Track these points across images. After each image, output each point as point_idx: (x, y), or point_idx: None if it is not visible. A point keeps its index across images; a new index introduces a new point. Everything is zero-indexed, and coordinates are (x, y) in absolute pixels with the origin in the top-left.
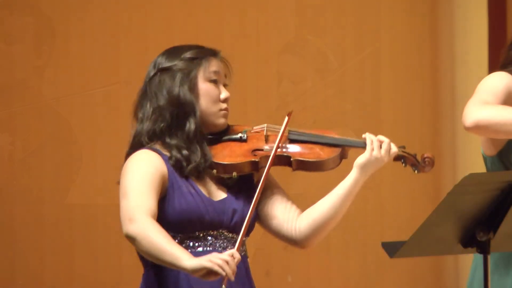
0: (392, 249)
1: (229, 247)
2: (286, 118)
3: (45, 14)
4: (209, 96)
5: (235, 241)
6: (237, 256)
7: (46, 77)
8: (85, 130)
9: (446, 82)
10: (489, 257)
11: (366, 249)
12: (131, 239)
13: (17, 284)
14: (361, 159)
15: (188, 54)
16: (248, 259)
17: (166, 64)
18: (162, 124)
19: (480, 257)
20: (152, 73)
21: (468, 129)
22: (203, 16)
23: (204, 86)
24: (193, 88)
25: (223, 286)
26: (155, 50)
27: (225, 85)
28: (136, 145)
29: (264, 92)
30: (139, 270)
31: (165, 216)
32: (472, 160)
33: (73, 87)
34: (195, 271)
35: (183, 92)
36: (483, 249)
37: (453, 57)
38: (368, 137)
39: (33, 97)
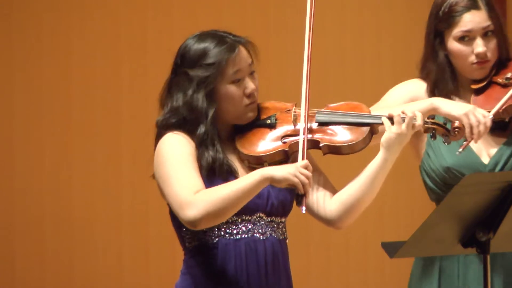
0: (392, 249)
1: (268, 231)
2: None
3: (45, 14)
4: (232, 98)
5: (274, 225)
6: (311, 168)
7: (46, 77)
8: (85, 130)
9: None
10: (488, 257)
11: (366, 249)
12: (202, 220)
13: (17, 284)
14: (385, 138)
15: (207, 59)
16: (287, 241)
17: (188, 61)
18: (176, 120)
19: (417, 265)
20: (176, 66)
21: None
22: (203, 16)
23: (224, 90)
24: (211, 94)
25: (303, 208)
26: (155, 50)
27: (252, 74)
28: (162, 128)
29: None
30: (139, 270)
31: None
32: None
33: (73, 87)
34: (281, 181)
35: (197, 98)
36: (483, 249)
37: None
38: (392, 111)
39: (33, 97)
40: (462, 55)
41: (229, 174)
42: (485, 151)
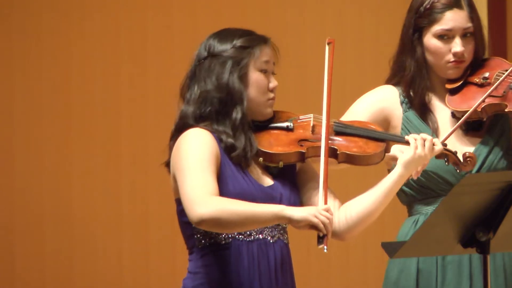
0: (392, 249)
1: (276, 234)
2: (328, 48)
3: (45, 14)
4: (259, 86)
5: (280, 229)
6: (332, 212)
7: (46, 77)
8: (85, 130)
9: None
10: (488, 257)
11: (366, 249)
12: (208, 221)
13: (17, 284)
14: (405, 156)
15: (240, 42)
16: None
17: (218, 48)
18: (209, 109)
19: (393, 268)
20: (203, 56)
21: None
22: (203, 16)
23: (254, 76)
24: (243, 77)
25: (325, 247)
26: (155, 50)
27: (273, 73)
28: (182, 126)
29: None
30: (139, 270)
31: None
32: None
33: (73, 87)
34: (299, 221)
35: (232, 80)
36: (483, 249)
37: None
38: (412, 135)
39: (33, 97)
40: (439, 53)
41: (242, 168)
42: (461, 152)
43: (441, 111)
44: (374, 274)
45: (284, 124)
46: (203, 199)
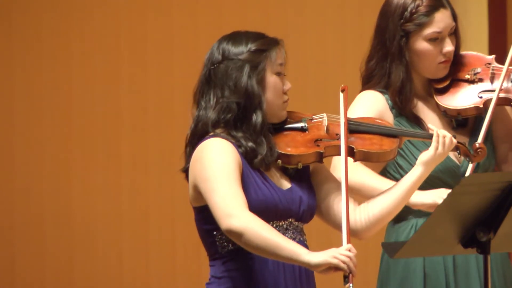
0: (392, 249)
1: (297, 236)
2: (342, 95)
3: (45, 14)
4: (275, 89)
5: (301, 230)
6: (354, 250)
7: (46, 77)
8: (85, 130)
9: None
10: (488, 257)
11: (366, 249)
12: (236, 234)
13: (17, 284)
14: (426, 156)
15: (255, 45)
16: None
17: (233, 51)
18: (229, 115)
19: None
20: (217, 60)
21: None
22: (203, 16)
23: (272, 80)
24: (261, 81)
25: (351, 284)
26: (155, 50)
27: (284, 74)
28: (199, 132)
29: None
30: (139, 270)
31: None
32: None
33: (73, 87)
34: (318, 266)
35: (251, 84)
36: (484, 249)
37: None
38: (436, 133)
39: (33, 97)
40: (430, 55)
41: (261, 172)
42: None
43: (428, 113)
44: (374, 274)
45: (299, 125)
46: (238, 212)
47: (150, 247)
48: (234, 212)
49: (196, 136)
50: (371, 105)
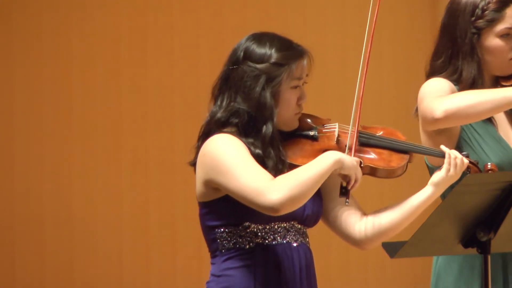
0: (392, 249)
1: (299, 238)
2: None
3: (45, 14)
4: (289, 104)
5: (303, 233)
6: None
7: (47, 77)
8: (85, 130)
9: None
10: (489, 257)
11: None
12: (281, 205)
13: (17, 284)
14: (437, 177)
15: (276, 57)
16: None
17: (254, 56)
18: (237, 120)
19: (444, 262)
20: (239, 60)
21: (437, 120)
22: (203, 16)
23: (286, 95)
24: (275, 94)
25: (347, 200)
26: (155, 50)
27: (304, 83)
28: (210, 128)
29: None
30: (139, 270)
31: (242, 204)
32: None
33: (74, 87)
34: (347, 168)
35: (264, 95)
36: (484, 249)
37: None
38: (447, 154)
39: (33, 97)
40: (502, 51)
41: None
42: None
43: None
44: (374, 274)
45: (310, 133)
46: (269, 186)
47: (150, 247)
48: (268, 187)
49: (207, 131)
50: (447, 86)
